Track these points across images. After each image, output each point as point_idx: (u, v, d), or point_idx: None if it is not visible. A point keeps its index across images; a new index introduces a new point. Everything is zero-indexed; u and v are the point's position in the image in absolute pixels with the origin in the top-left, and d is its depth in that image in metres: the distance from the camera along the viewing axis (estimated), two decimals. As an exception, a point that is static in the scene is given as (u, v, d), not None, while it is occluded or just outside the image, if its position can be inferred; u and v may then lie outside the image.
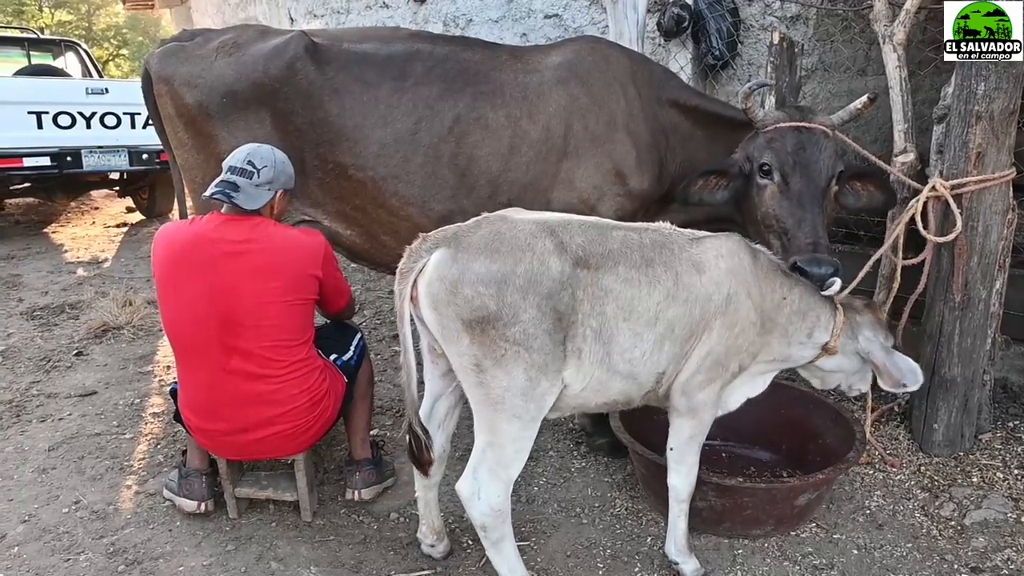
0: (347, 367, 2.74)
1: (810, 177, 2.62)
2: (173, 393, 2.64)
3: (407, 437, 2.20)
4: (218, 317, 2.34)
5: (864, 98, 2.71)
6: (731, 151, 2.89)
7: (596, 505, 2.83)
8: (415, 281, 2.01)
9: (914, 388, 2.32)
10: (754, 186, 2.76)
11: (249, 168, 2.41)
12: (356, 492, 2.75)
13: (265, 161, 2.44)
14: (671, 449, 2.34)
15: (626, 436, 2.75)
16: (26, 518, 2.70)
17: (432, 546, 2.49)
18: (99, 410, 3.58)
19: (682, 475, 2.34)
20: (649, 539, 2.62)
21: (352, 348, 2.82)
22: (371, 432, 3.09)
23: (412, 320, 2.08)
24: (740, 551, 2.55)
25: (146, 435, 3.34)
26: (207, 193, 2.40)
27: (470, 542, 2.59)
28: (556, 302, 1.94)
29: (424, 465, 2.24)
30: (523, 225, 2.02)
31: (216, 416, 2.44)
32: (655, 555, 2.54)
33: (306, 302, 2.47)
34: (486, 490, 2.05)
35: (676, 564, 2.40)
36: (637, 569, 2.47)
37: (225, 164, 2.45)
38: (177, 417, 2.64)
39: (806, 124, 2.65)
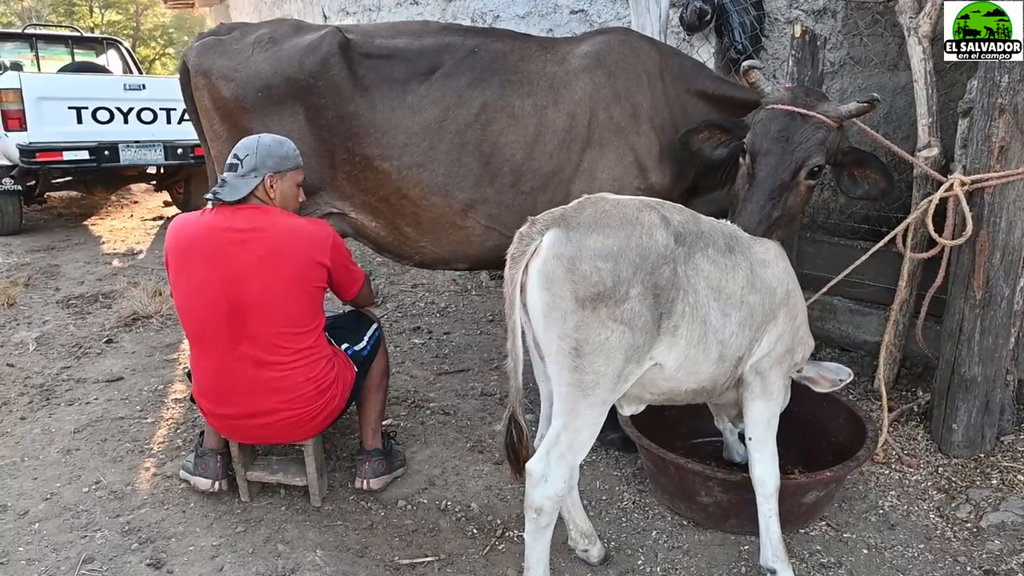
0: (358, 357, 2.77)
1: (775, 167, 2.51)
2: (190, 375, 2.71)
3: (507, 428, 2.14)
4: (227, 304, 2.39)
5: (869, 97, 2.51)
6: None
7: (603, 498, 2.82)
8: (526, 265, 2.00)
9: (848, 379, 2.45)
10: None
11: (234, 161, 2.47)
12: (365, 481, 2.78)
13: (247, 150, 2.48)
14: (750, 439, 2.35)
15: (633, 430, 2.74)
16: (48, 496, 2.80)
17: (586, 551, 2.43)
18: (124, 395, 3.69)
19: (766, 465, 2.33)
20: (654, 532, 2.61)
21: (366, 339, 2.85)
22: (385, 422, 3.13)
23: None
24: (746, 547, 2.53)
25: (167, 420, 3.43)
26: (206, 196, 2.49)
27: (475, 531, 2.61)
28: (658, 277, 1.96)
29: (521, 461, 2.12)
30: (626, 201, 2.07)
31: (225, 401, 2.50)
32: (659, 548, 2.53)
33: (314, 290, 2.50)
34: (553, 474, 2.03)
35: (773, 573, 2.31)
36: (640, 562, 2.46)
37: None
38: (194, 399, 2.71)
39: (801, 111, 2.52)
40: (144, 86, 7.24)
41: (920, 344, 3.03)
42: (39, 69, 8.86)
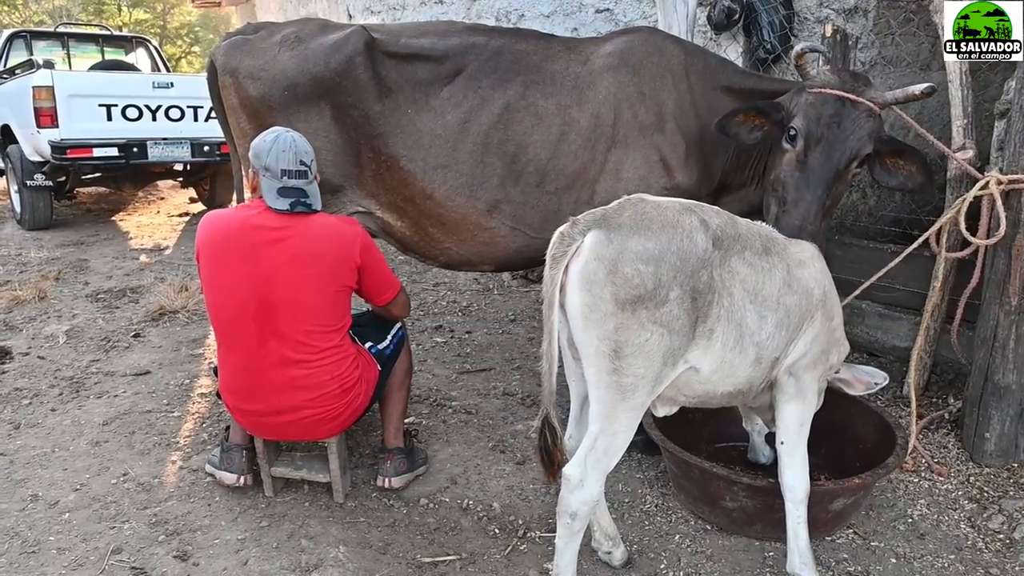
0: (381, 356, 2.78)
1: (830, 155, 2.50)
2: (216, 370, 2.73)
3: (540, 432, 2.11)
4: (257, 301, 2.40)
5: (924, 86, 2.46)
6: None
7: (626, 500, 2.81)
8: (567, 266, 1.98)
9: (884, 382, 2.45)
10: (779, 145, 2.68)
11: (303, 168, 2.43)
12: (387, 480, 2.79)
13: (308, 155, 2.46)
14: (782, 443, 2.33)
15: (657, 433, 2.72)
16: (78, 487, 2.84)
17: (609, 553, 2.42)
18: (151, 389, 3.74)
19: (796, 470, 2.31)
20: (677, 536, 2.59)
21: (389, 338, 2.86)
22: (407, 420, 3.14)
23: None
24: (771, 553, 2.50)
25: (193, 414, 3.47)
26: (281, 207, 2.42)
27: (497, 531, 2.61)
28: (696, 281, 1.95)
29: (555, 464, 2.10)
30: (666, 203, 2.05)
31: (251, 397, 2.52)
32: (682, 552, 2.51)
33: (342, 289, 2.50)
34: (590, 479, 2.02)
35: None
36: (663, 566, 2.44)
37: (271, 165, 2.40)
38: (219, 394, 2.73)
39: (851, 96, 2.50)
40: (172, 84, 7.34)
41: (955, 350, 2.97)
42: (70, 67, 9.03)
